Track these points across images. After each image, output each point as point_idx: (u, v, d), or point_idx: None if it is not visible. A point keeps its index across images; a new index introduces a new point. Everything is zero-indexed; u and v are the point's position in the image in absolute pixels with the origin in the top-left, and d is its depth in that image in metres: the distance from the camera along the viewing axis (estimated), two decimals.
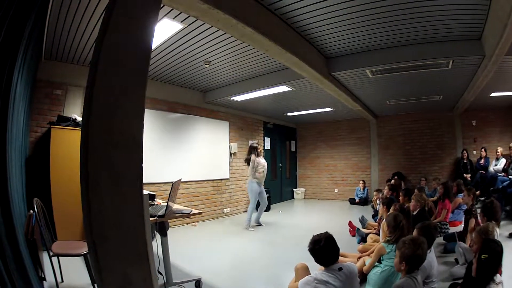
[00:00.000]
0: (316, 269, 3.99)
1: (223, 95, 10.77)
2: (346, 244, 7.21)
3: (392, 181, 13.23)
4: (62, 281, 5.00)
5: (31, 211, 4.15)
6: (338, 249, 3.85)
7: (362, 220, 9.15)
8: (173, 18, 5.64)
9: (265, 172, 10.32)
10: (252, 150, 10.40)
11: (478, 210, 6.36)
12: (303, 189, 18.04)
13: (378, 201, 10.18)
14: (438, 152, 14.61)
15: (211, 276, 5.72)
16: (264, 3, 5.37)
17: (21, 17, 3.00)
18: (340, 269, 3.71)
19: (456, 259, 5.94)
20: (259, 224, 10.44)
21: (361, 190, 15.28)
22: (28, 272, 3.32)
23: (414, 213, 7.08)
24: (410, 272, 3.68)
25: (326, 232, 3.94)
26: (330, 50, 7.60)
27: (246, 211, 12.67)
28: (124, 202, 2.22)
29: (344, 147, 17.03)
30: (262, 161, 10.29)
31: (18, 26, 2.97)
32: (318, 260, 3.84)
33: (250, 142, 13.48)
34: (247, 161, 10.41)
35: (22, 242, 3.49)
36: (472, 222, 6.39)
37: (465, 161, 13.00)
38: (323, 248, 3.73)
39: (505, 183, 9.75)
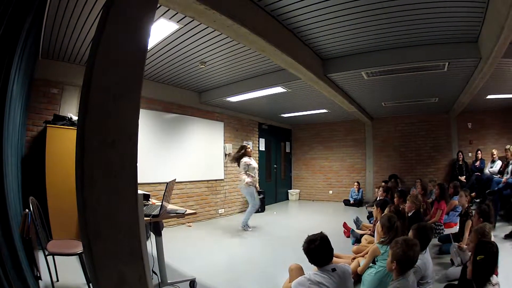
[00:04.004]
0: (310, 270, 3.99)
1: (218, 96, 10.80)
2: (341, 245, 7.24)
3: (388, 183, 13.31)
4: (58, 280, 4.99)
5: (27, 210, 4.15)
6: (332, 249, 3.86)
7: (357, 221, 9.17)
8: (170, 18, 5.64)
9: (257, 175, 10.34)
10: (243, 149, 10.29)
11: (474, 212, 6.39)
12: (297, 190, 18.08)
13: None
14: (433, 154, 14.65)
15: (206, 276, 5.73)
16: (261, 4, 5.38)
17: (19, 16, 3.00)
18: (334, 269, 3.72)
19: (451, 260, 5.96)
20: (246, 227, 10.23)
21: (356, 191, 15.31)
22: (24, 271, 3.33)
23: (409, 214, 7.10)
24: (402, 273, 3.69)
25: (321, 232, 3.96)
26: (325, 52, 7.61)
27: (241, 211, 12.80)
28: (119, 201, 2.23)
29: (339, 149, 17.05)
30: (254, 163, 10.28)
31: (16, 25, 2.97)
32: (312, 260, 3.86)
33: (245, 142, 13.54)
34: (237, 160, 10.28)
35: (18, 241, 3.49)
36: (469, 223, 6.41)
37: (460, 163, 13.01)
38: (318, 248, 3.75)
39: (500, 185, 9.77)
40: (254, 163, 10.28)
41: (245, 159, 10.11)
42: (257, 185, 10.21)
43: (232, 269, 6.42)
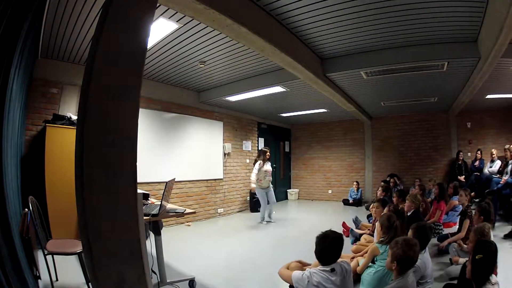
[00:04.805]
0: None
1: (217, 95, 10.79)
2: None
3: (391, 180, 13.41)
4: (57, 279, 4.99)
5: (26, 209, 4.14)
6: (340, 252, 3.86)
7: (356, 221, 9.16)
8: (169, 18, 5.64)
9: (268, 178, 10.61)
10: (261, 154, 10.86)
11: (473, 212, 6.40)
12: (297, 190, 18.05)
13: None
14: (432, 153, 14.64)
15: (205, 275, 5.73)
16: (260, 3, 5.38)
17: (18, 15, 3.00)
18: (333, 270, 3.72)
19: (450, 259, 5.97)
20: (267, 221, 10.87)
21: (355, 191, 15.31)
22: (23, 270, 3.32)
23: (408, 214, 7.09)
24: (402, 273, 3.68)
25: (339, 233, 3.95)
26: (325, 51, 7.61)
27: (240, 211, 13.11)
28: (118, 201, 2.23)
29: (338, 148, 17.04)
30: (264, 167, 10.54)
31: (15, 24, 2.97)
32: (319, 254, 3.84)
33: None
34: (255, 162, 10.80)
35: (17, 240, 3.49)
36: (467, 223, 6.42)
37: (460, 162, 12.99)
38: (330, 245, 3.75)
39: (500, 185, 9.77)
40: (266, 167, 10.63)
41: (260, 162, 10.60)
42: (263, 186, 10.57)
43: (231, 268, 6.42)
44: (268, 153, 10.81)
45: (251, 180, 10.52)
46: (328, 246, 3.76)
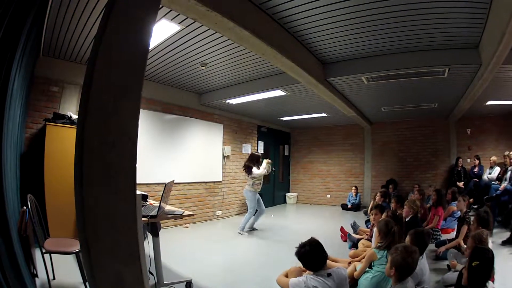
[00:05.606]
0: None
1: (218, 98, 10.80)
2: (338, 249, 7.25)
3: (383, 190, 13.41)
4: (54, 278, 5.00)
5: (25, 207, 4.14)
6: (325, 254, 3.89)
7: (354, 226, 9.15)
8: (171, 20, 5.64)
9: (261, 181, 10.35)
10: (255, 159, 10.30)
11: (471, 218, 6.40)
12: (295, 194, 18.03)
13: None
14: (432, 159, 14.63)
15: (202, 277, 5.73)
16: (263, 7, 5.38)
17: (20, 13, 3.00)
18: (329, 274, 3.73)
19: (448, 266, 5.97)
20: (253, 229, 10.42)
21: (354, 196, 15.27)
22: (20, 268, 3.32)
23: (406, 219, 7.09)
24: (401, 280, 3.68)
25: (312, 238, 3.98)
26: (326, 56, 7.62)
27: (238, 214, 12.95)
28: (117, 201, 2.23)
29: (338, 153, 17.04)
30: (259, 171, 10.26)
31: (17, 22, 2.97)
32: (305, 265, 3.91)
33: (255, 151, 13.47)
34: (247, 168, 10.20)
35: (15, 238, 3.49)
36: (464, 229, 6.42)
37: (459, 168, 12.99)
38: (309, 253, 3.79)
39: (498, 192, 9.77)
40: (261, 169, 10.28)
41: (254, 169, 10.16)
42: (258, 190, 10.11)
43: (229, 270, 6.41)
44: (260, 159, 10.47)
45: (260, 173, 9.95)
46: (307, 254, 3.84)
